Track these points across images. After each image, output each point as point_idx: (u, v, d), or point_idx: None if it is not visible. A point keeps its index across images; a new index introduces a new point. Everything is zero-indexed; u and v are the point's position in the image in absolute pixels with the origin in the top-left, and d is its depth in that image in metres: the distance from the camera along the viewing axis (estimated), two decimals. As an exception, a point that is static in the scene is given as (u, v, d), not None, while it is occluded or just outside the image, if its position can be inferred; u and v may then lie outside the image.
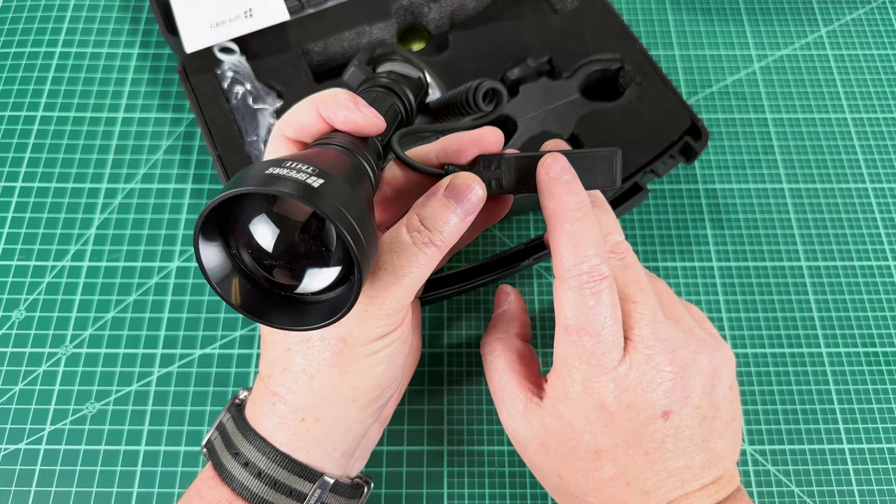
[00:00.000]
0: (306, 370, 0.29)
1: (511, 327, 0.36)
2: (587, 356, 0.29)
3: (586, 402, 0.30)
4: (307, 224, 0.25)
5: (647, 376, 0.29)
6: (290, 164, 0.23)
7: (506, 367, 0.34)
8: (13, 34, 0.55)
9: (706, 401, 0.30)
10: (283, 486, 0.29)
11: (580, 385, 0.30)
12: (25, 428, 0.42)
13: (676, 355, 0.30)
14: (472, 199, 0.29)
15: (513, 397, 0.33)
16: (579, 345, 0.30)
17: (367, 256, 0.23)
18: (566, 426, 0.30)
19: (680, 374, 0.30)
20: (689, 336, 0.31)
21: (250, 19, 0.49)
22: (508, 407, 0.33)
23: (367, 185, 0.27)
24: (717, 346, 0.32)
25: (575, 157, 0.30)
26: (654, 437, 0.29)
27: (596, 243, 0.30)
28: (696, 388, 0.30)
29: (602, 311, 0.29)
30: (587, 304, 0.29)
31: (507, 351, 0.34)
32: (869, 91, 0.55)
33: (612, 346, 0.29)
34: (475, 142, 0.31)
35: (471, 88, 0.34)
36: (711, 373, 0.31)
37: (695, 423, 0.30)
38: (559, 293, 0.30)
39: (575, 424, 0.30)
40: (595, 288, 0.29)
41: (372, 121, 0.28)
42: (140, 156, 0.51)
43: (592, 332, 0.29)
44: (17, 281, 0.46)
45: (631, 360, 0.29)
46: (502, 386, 0.33)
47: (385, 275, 0.27)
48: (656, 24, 0.57)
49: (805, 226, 0.49)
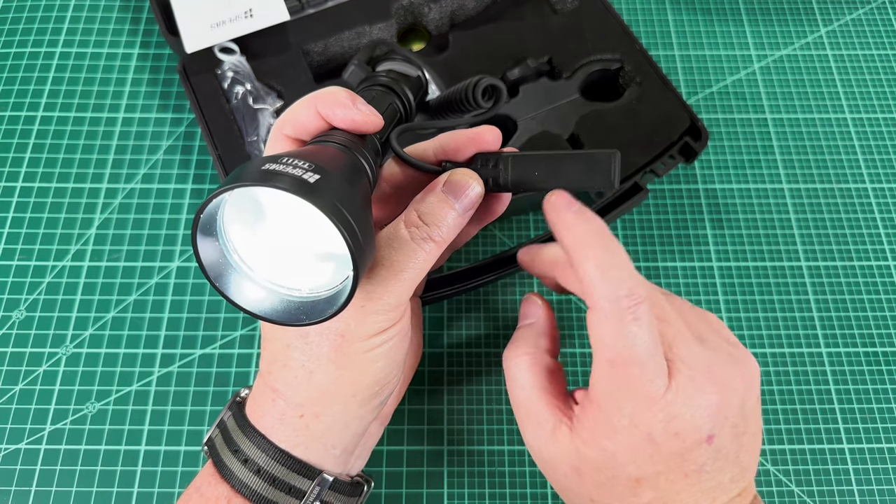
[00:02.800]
0: (305, 366, 0.29)
1: (541, 342, 0.34)
2: (635, 388, 0.28)
3: (633, 435, 0.28)
4: (304, 220, 0.25)
5: (693, 401, 0.28)
6: (286, 160, 0.23)
7: (534, 383, 0.32)
8: (13, 34, 0.55)
9: (740, 417, 0.29)
10: (282, 482, 0.29)
11: (628, 419, 0.28)
12: (25, 428, 0.42)
13: (715, 374, 0.29)
14: (470, 196, 0.29)
15: (540, 417, 0.31)
16: (625, 377, 0.28)
17: (364, 252, 0.23)
18: (608, 457, 0.29)
19: (721, 395, 0.28)
20: (720, 353, 0.30)
21: (250, 19, 0.49)
22: (535, 426, 0.31)
23: (365, 183, 0.27)
24: (746, 359, 0.31)
25: (573, 159, 0.30)
26: (697, 461, 0.28)
27: (626, 265, 0.29)
28: (733, 408, 0.29)
29: (645, 337, 0.28)
30: (629, 331, 0.28)
31: (535, 367, 0.32)
32: (869, 91, 0.55)
33: (658, 372, 0.28)
34: (473, 140, 0.31)
35: (470, 85, 0.34)
36: (745, 389, 0.29)
37: (730, 441, 0.29)
38: (596, 324, 0.29)
39: (618, 456, 0.29)
40: (636, 313, 0.28)
41: (370, 118, 0.28)
42: (140, 156, 0.51)
43: (636, 362, 0.28)
44: (17, 281, 0.46)
45: (677, 385, 0.28)
46: (530, 404, 0.32)
47: (383, 270, 0.27)
48: (656, 24, 0.57)
49: (805, 226, 0.49)
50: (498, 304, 0.46)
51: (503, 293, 0.47)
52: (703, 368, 0.29)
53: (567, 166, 0.30)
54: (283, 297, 0.26)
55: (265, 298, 0.26)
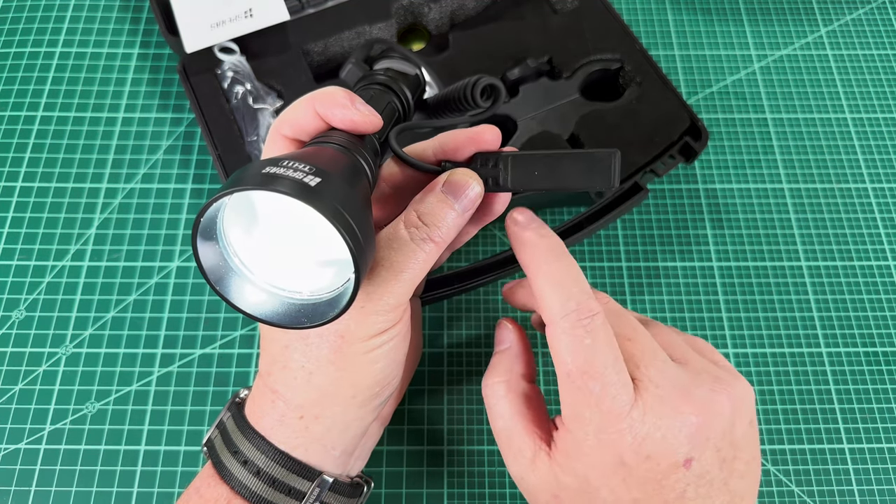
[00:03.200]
0: (305, 367, 0.29)
1: (515, 367, 0.33)
2: (596, 402, 0.28)
3: (602, 456, 0.28)
4: (304, 223, 0.25)
5: (664, 421, 0.27)
6: (286, 163, 0.23)
7: (511, 411, 0.31)
8: (13, 34, 0.55)
9: (726, 442, 0.28)
10: (282, 484, 0.29)
11: (594, 438, 0.28)
12: (25, 428, 0.42)
13: (692, 396, 0.28)
14: (469, 195, 0.29)
15: (520, 444, 0.31)
16: (585, 391, 0.28)
17: (365, 255, 0.23)
18: (581, 482, 0.28)
19: (699, 417, 0.28)
20: (701, 375, 0.30)
21: (250, 19, 0.49)
22: (515, 454, 0.31)
23: (365, 183, 0.27)
24: (734, 380, 0.30)
25: (573, 158, 0.30)
26: (676, 488, 0.27)
27: (578, 281, 0.29)
28: (716, 431, 0.28)
29: (601, 349, 0.28)
30: (583, 343, 0.28)
31: (511, 394, 0.32)
32: (869, 91, 0.55)
33: (620, 387, 0.28)
34: (472, 140, 0.31)
35: (468, 84, 0.34)
36: (732, 412, 0.29)
37: (716, 466, 0.28)
38: (552, 339, 0.29)
39: (591, 480, 0.28)
40: (589, 325, 0.28)
41: (369, 119, 0.28)
42: (140, 156, 0.51)
43: (596, 374, 0.28)
44: (17, 281, 0.46)
45: (644, 404, 0.28)
46: (508, 432, 0.31)
47: (383, 271, 0.27)
48: (656, 24, 0.57)
49: (805, 226, 0.49)
50: (498, 304, 0.46)
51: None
52: (676, 388, 0.28)
53: (567, 166, 0.30)
54: (284, 299, 0.26)
55: (266, 301, 0.26)
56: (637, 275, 0.47)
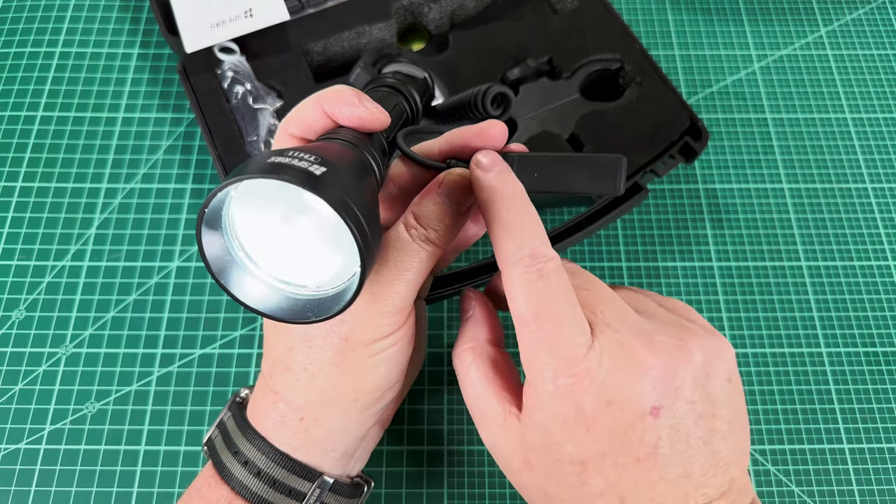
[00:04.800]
0: (307, 369, 0.29)
1: (479, 333, 0.32)
2: (550, 345, 0.26)
3: (561, 403, 0.26)
4: (310, 213, 0.24)
5: (623, 365, 0.26)
6: (292, 153, 0.23)
7: (479, 377, 0.30)
8: (13, 34, 0.55)
9: (700, 394, 0.26)
10: (283, 485, 0.29)
11: (552, 384, 0.26)
12: (25, 428, 0.42)
13: (654, 342, 0.27)
14: (465, 196, 0.29)
15: (490, 411, 0.29)
16: (539, 334, 0.26)
17: (371, 247, 0.23)
18: (544, 436, 0.27)
19: (664, 362, 0.26)
20: (668, 325, 0.28)
21: (250, 19, 0.49)
22: (486, 422, 0.29)
23: (372, 180, 0.27)
24: (707, 334, 0.28)
25: (579, 162, 0.30)
26: (645, 440, 0.26)
27: (535, 228, 0.28)
28: (686, 380, 0.26)
29: (555, 292, 0.27)
30: (536, 286, 0.27)
31: (478, 360, 0.30)
32: (869, 91, 0.55)
33: (575, 330, 0.26)
34: (478, 135, 0.30)
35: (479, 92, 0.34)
36: (703, 362, 0.27)
37: (690, 420, 0.26)
38: (507, 284, 0.27)
39: (553, 432, 0.27)
40: (542, 269, 0.27)
41: (376, 115, 0.28)
42: (140, 156, 0.51)
43: (549, 317, 0.26)
44: (17, 281, 0.46)
45: (601, 346, 0.26)
46: (477, 399, 0.30)
47: (387, 271, 0.27)
48: (656, 24, 0.57)
49: (805, 226, 0.49)
50: (498, 305, 0.46)
51: (503, 293, 0.47)
52: (636, 334, 0.27)
53: (573, 169, 0.30)
54: (289, 294, 0.25)
55: (270, 296, 0.25)
56: (637, 275, 0.47)
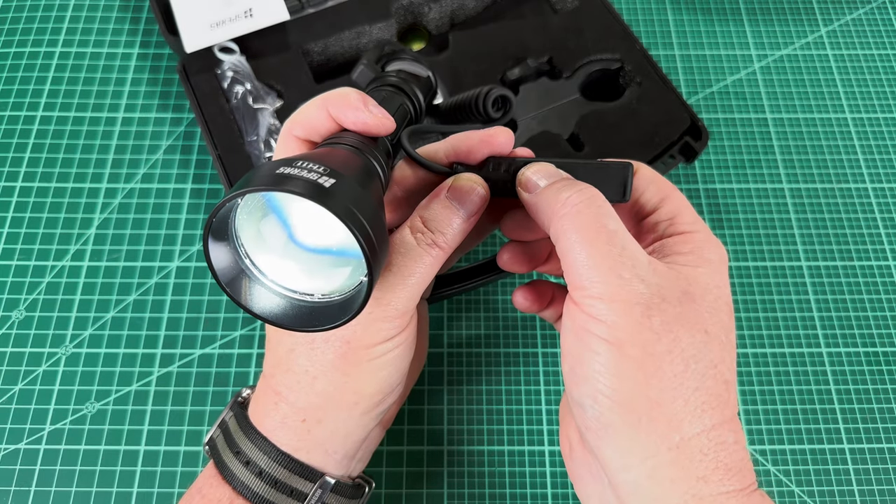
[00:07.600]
0: (309, 371, 0.29)
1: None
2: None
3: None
4: (318, 224, 0.24)
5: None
6: (300, 163, 0.23)
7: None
8: (13, 34, 0.55)
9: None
10: (284, 485, 0.29)
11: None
12: (25, 428, 0.42)
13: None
14: (474, 201, 0.29)
15: (635, 249, 0.26)
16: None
17: (378, 257, 0.23)
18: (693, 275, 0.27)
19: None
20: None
21: (250, 19, 0.49)
22: (633, 261, 0.26)
23: (378, 185, 0.27)
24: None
25: (586, 169, 0.30)
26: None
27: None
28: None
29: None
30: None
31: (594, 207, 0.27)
32: (869, 91, 0.55)
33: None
34: (485, 143, 0.30)
35: (480, 94, 0.34)
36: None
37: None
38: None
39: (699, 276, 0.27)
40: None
41: (382, 121, 0.28)
42: (140, 156, 0.51)
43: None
44: (17, 281, 0.46)
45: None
46: (619, 238, 0.26)
47: (391, 275, 0.27)
48: (656, 24, 0.57)
49: (805, 226, 0.49)
50: (498, 304, 0.46)
51: (503, 293, 0.47)
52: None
53: (580, 176, 0.29)
54: (296, 302, 0.26)
55: (277, 304, 0.25)
56: (637, 275, 0.47)
